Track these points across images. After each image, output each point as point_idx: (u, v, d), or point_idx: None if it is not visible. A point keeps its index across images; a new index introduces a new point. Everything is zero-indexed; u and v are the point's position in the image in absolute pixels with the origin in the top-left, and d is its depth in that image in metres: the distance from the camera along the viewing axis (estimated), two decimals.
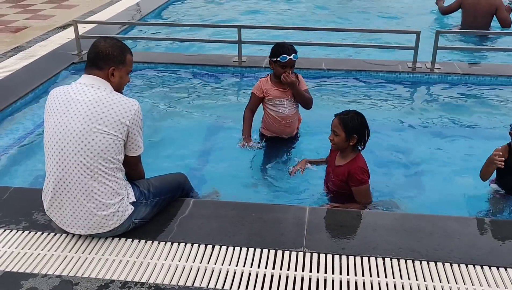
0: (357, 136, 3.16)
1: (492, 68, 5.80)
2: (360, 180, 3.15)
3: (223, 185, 3.69)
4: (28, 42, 7.03)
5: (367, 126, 3.22)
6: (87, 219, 2.56)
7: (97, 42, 2.65)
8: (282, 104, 3.98)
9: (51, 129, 2.55)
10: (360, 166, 3.17)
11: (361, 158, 3.25)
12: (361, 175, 3.15)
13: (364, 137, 3.21)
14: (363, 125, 3.20)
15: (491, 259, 2.52)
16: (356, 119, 3.18)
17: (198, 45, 7.07)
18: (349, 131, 3.15)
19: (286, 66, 3.79)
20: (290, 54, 3.78)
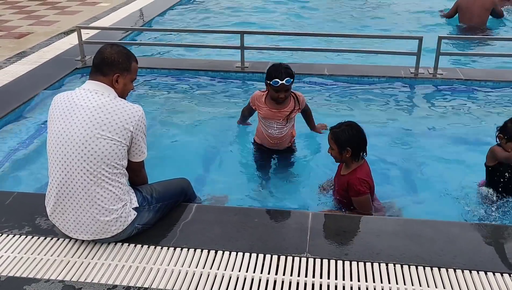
0: (351, 149, 3.11)
1: (494, 74, 5.80)
2: (358, 191, 3.11)
3: (226, 190, 3.69)
4: (31, 47, 7.06)
5: (362, 137, 3.16)
6: (90, 224, 2.56)
7: (103, 48, 2.67)
8: (272, 126, 3.82)
9: (54, 134, 2.55)
10: (359, 177, 3.12)
11: (364, 169, 3.20)
12: (359, 186, 3.10)
13: (359, 149, 3.15)
14: (355, 137, 3.13)
15: (494, 265, 2.51)
16: (348, 132, 3.13)
17: (201, 50, 7.09)
18: (341, 144, 3.13)
19: (279, 90, 3.62)
20: (283, 79, 3.55)
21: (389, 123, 4.89)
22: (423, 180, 3.93)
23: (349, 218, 2.98)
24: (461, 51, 7.03)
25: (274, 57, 6.86)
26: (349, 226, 2.84)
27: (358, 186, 3.11)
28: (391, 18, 8.96)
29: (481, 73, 5.84)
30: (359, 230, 2.80)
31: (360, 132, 3.17)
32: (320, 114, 5.15)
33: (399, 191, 3.76)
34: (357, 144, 3.14)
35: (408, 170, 4.07)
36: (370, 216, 3.09)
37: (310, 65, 6.29)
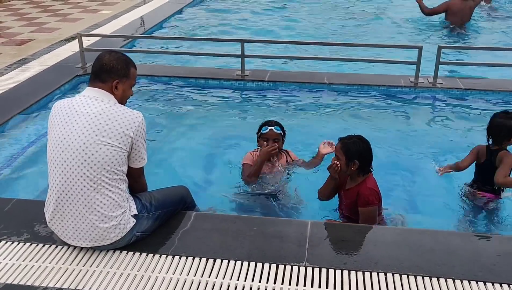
0: (359, 162, 3.11)
1: (494, 84, 5.81)
2: (367, 201, 3.09)
3: (224, 198, 3.69)
4: (32, 54, 7.09)
5: (370, 152, 3.16)
6: (89, 231, 2.56)
7: (101, 55, 2.68)
8: (268, 183, 3.71)
9: (54, 141, 2.56)
10: (369, 187, 3.12)
11: (372, 180, 3.19)
12: (370, 196, 3.09)
13: (366, 163, 3.15)
14: (365, 151, 3.13)
15: (493, 275, 2.50)
16: (359, 145, 3.12)
17: (201, 58, 7.12)
18: (350, 156, 3.11)
19: (268, 138, 3.67)
20: (272, 125, 3.71)
21: (388, 131, 4.89)
22: (423, 189, 3.93)
23: (348, 227, 2.97)
24: (461, 61, 7.05)
25: (275, 65, 6.89)
26: (348, 235, 2.83)
27: (369, 196, 3.10)
28: (389, 27, 9.00)
29: (480, 83, 5.85)
30: (358, 239, 2.79)
31: (370, 147, 3.18)
32: (320, 122, 5.17)
33: (396, 200, 3.75)
34: (365, 158, 3.14)
35: (408, 179, 4.07)
36: (369, 225, 3.08)
37: (310, 73, 6.31)
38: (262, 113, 5.45)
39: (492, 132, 3.52)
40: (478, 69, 6.53)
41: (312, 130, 4.97)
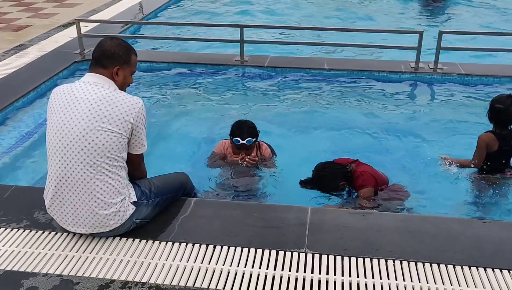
0: (343, 184, 3.36)
1: (495, 69, 5.78)
2: (360, 185, 3.31)
3: None
4: (30, 40, 7.03)
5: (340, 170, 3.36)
6: (89, 217, 2.55)
7: (103, 41, 2.65)
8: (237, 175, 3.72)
9: (54, 127, 2.53)
10: (357, 175, 3.35)
11: (360, 167, 3.38)
12: (358, 179, 3.35)
13: (346, 176, 3.35)
14: (334, 175, 3.34)
15: (494, 261, 2.50)
16: (326, 178, 3.35)
17: (200, 44, 7.07)
18: (332, 187, 3.39)
19: (240, 148, 3.63)
20: (244, 139, 3.57)
21: (388, 117, 4.88)
22: (422, 174, 3.92)
23: (349, 213, 2.96)
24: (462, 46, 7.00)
25: (274, 50, 6.85)
26: (349, 221, 2.82)
27: (359, 181, 3.32)
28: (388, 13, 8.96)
29: (481, 68, 5.81)
30: (359, 225, 2.78)
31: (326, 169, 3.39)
32: (319, 108, 5.15)
33: None
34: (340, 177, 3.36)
35: (409, 165, 4.06)
36: (370, 211, 3.08)
37: (310, 59, 6.27)
38: (261, 98, 5.43)
39: (502, 118, 3.53)
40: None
41: (312, 116, 4.95)
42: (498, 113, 3.54)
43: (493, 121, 3.59)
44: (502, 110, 3.52)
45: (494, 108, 3.55)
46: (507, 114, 3.52)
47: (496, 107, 3.54)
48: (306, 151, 4.25)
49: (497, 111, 3.54)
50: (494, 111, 3.56)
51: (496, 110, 3.54)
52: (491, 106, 3.59)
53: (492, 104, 3.58)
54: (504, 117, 3.53)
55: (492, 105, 3.57)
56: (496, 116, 3.56)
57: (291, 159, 4.04)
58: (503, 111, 3.52)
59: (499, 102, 3.55)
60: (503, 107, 3.51)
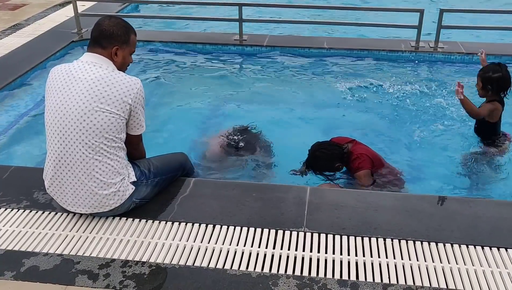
0: (339, 165, 3.34)
1: (496, 48, 5.74)
2: (357, 167, 3.29)
3: None
4: (26, 19, 6.96)
5: (336, 150, 3.33)
6: (88, 198, 2.56)
7: (101, 20, 2.61)
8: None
9: (52, 107, 2.52)
10: (354, 158, 3.33)
11: (357, 148, 3.37)
12: (355, 162, 3.32)
13: (342, 157, 3.34)
14: (328, 159, 3.32)
15: (491, 239, 2.52)
16: (322, 158, 3.32)
17: (198, 23, 7.01)
18: (326, 169, 3.37)
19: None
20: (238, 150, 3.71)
21: (388, 96, 4.86)
22: (422, 153, 3.93)
23: (347, 193, 2.98)
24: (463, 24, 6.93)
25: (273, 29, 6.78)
26: (347, 200, 2.83)
27: (356, 163, 3.29)
28: None
29: (482, 47, 5.75)
30: (357, 204, 2.79)
31: (322, 149, 3.36)
32: (319, 88, 5.13)
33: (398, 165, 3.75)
34: (336, 160, 3.33)
35: (406, 145, 4.06)
36: (368, 191, 3.09)
37: (309, 38, 6.22)
38: (260, 78, 5.40)
39: (506, 84, 3.61)
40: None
41: (311, 96, 4.93)
42: (502, 80, 3.58)
43: (499, 91, 3.62)
44: (502, 76, 3.59)
45: (495, 78, 3.58)
46: (506, 78, 3.60)
47: (495, 76, 3.58)
48: (305, 131, 4.25)
49: (498, 79, 3.58)
50: (495, 81, 3.58)
51: (498, 78, 3.58)
52: (489, 78, 3.59)
53: (489, 77, 3.60)
54: (506, 82, 3.60)
55: (490, 77, 3.59)
56: (501, 83, 3.59)
57: (288, 138, 4.04)
58: (503, 76, 3.59)
59: (495, 70, 3.61)
60: (502, 73, 3.59)
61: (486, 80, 3.61)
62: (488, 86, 3.61)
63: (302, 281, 2.26)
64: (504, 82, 3.61)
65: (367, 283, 2.25)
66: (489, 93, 3.64)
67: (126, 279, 2.28)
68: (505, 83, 3.61)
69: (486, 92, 3.66)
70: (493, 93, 3.63)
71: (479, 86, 3.67)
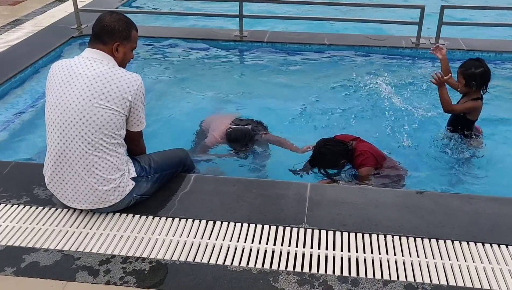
0: (344, 161, 3.36)
1: (496, 44, 5.72)
2: (360, 163, 3.31)
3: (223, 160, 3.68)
4: (26, 15, 6.94)
5: (342, 147, 3.35)
6: (88, 193, 2.56)
7: (102, 16, 2.61)
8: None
9: (52, 103, 2.52)
10: (360, 153, 3.34)
11: (360, 145, 3.38)
12: (359, 158, 3.34)
13: (347, 154, 3.35)
14: (333, 156, 3.33)
15: (492, 236, 2.52)
16: (328, 155, 3.33)
17: (199, 19, 6.99)
18: (332, 165, 3.40)
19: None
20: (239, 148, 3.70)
21: (389, 93, 4.84)
22: (423, 149, 3.92)
23: (348, 189, 2.97)
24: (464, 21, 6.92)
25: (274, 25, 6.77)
26: (348, 197, 2.83)
27: (359, 160, 3.32)
28: None
29: (483, 43, 5.76)
30: (358, 201, 2.79)
31: (328, 146, 3.37)
32: (319, 84, 5.12)
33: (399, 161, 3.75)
34: (341, 156, 3.36)
35: (408, 140, 4.05)
36: (369, 187, 3.09)
37: (310, 34, 6.20)
38: (260, 74, 5.39)
39: (488, 78, 3.63)
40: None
41: (311, 92, 4.93)
42: (484, 75, 3.59)
43: (483, 86, 3.63)
44: (485, 71, 3.59)
45: (478, 73, 3.57)
46: (488, 72, 3.61)
47: (478, 71, 3.57)
48: (305, 127, 4.24)
49: (481, 74, 3.58)
50: (478, 76, 3.58)
51: (481, 74, 3.58)
52: (473, 74, 3.57)
53: (472, 73, 3.58)
54: (488, 76, 3.61)
55: (473, 73, 3.57)
56: (484, 78, 3.60)
57: (289, 134, 4.03)
58: (486, 71, 3.60)
59: (476, 66, 3.59)
60: (484, 68, 3.59)
61: (469, 76, 3.58)
62: (472, 83, 3.59)
63: (302, 277, 2.26)
64: (487, 76, 3.61)
65: (368, 279, 2.25)
66: (473, 89, 3.62)
67: (126, 275, 2.28)
68: (487, 77, 3.62)
69: (469, 89, 3.63)
70: (477, 89, 3.63)
71: (461, 83, 3.64)
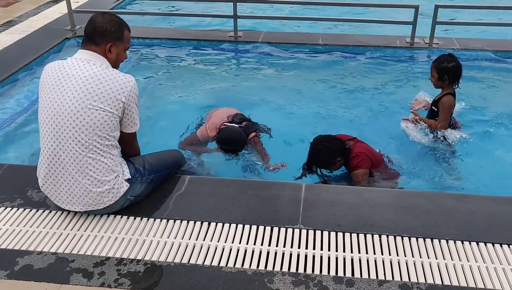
0: (340, 160, 3.30)
1: (490, 43, 5.74)
2: (355, 165, 3.28)
3: (218, 161, 3.67)
4: (19, 16, 6.91)
5: (339, 145, 3.31)
6: (82, 195, 2.54)
7: (94, 17, 2.60)
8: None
9: (46, 104, 2.50)
10: (353, 156, 3.31)
11: (359, 149, 3.33)
12: (354, 160, 3.30)
13: (343, 153, 3.30)
14: (330, 153, 3.27)
15: (487, 235, 2.52)
16: (324, 153, 3.28)
17: (193, 20, 6.98)
18: (327, 163, 3.33)
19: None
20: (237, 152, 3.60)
21: (383, 92, 4.86)
22: (417, 149, 3.93)
23: (343, 190, 2.97)
24: (458, 21, 6.94)
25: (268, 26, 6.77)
26: (343, 197, 2.83)
27: (353, 160, 3.30)
28: None
29: (477, 43, 5.78)
30: (353, 201, 2.79)
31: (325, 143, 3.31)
32: (313, 84, 5.12)
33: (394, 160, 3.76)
34: (337, 155, 3.29)
35: (402, 141, 4.06)
36: (364, 187, 3.09)
37: (304, 34, 6.21)
38: (255, 74, 5.39)
39: (460, 72, 3.75)
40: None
41: (306, 92, 4.93)
42: (456, 69, 3.71)
43: (455, 79, 3.75)
44: (456, 65, 3.71)
45: (450, 68, 3.70)
46: (460, 67, 3.73)
47: (451, 65, 3.70)
48: (299, 127, 4.24)
49: (453, 68, 3.70)
50: (451, 70, 3.70)
51: (453, 67, 3.70)
52: (445, 68, 3.70)
53: (444, 67, 3.71)
54: (460, 70, 3.73)
55: (446, 67, 3.71)
56: (455, 73, 3.71)
57: (282, 134, 4.03)
58: (458, 66, 3.72)
59: (449, 60, 3.73)
60: (455, 62, 3.71)
61: (441, 70, 3.72)
62: (444, 76, 3.72)
63: (297, 278, 2.26)
64: (459, 71, 3.73)
65: (363, 279, 2.25)
66: (445, 83, 3.74)
67: (121, 277, 2.27)
68: (459, 72, 3.73)
69: (442, 83, 3.76)
70: (449, 82, 3.74)
71: (434, 77, 3.78)
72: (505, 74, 5.29)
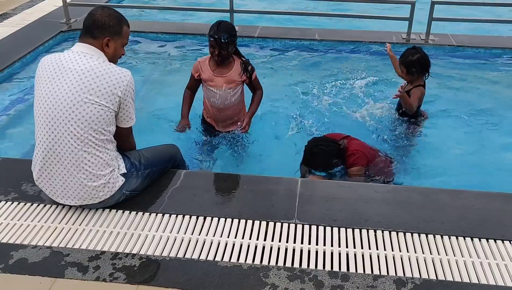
0: (336, 161, 3.31)
1: (486, 40, 5.76)
2: (352, 163, 3.29)
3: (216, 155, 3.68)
4: (14, 9, 6.86)
5: (333, 146, 3.29)
6: (77, 189, 2.53)
7: (94, 10, 2.58)
8: (214, 94, 3.60)
9: (41, 97, 2.49)
10: (349, 154, 3.31)
11: (355, 146, 3.34)
12: (352, 159, 3.31)
13: (339, 153, 3.30)
14: (326, 156, 3.27)
15: (481, 231, 2.54)
16: (320, 154, 3.26)
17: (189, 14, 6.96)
18: (324, 166, 3.34)
19: (213, 46, 3.41)
20: (219, 35, 3.34)
21: (378, 88, 4.86)
22: (412, 146, 3.94)
23: (338, 185, 2.98)
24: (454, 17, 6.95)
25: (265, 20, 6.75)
26: (338, 192, 2.84)
27: (351, 159, 3.31)
28: None
29: (473, 39, 5.80)
30: (348, 196, 2.80)
31: (320, 146, 3.30)
32: (309, 79, 5.12)
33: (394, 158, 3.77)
34: (334, 156, 3.30)
35: (396, 137, 4.07)
36: (359, 183, 3.10)
37: (301, 29, 6.20)
38: None
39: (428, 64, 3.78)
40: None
41: (301, 87, 4.92)
42: (421, 60, 3.74)
43: (423, 71, 3.78)
44: (421, 56, 3.75)
45: (416, 60, 3.73)
46: (425, 57, 3.76)
47: (415, 58, 3.73)
48: (295, 123, 4.24)
49: (419, 59, 3.73)
50: (416, 62, 3.73)
51: (418, 59, 3.73)
52: (411, 61, 3.74)
53: (410, 60, 3.74)
54: (426, 61, 3.77)
55: (411, 60, 3.74)
56: (423, 64, 3.74)
57: (277, 131, 4.04)
58: (423, 56, 3.75)
59: (412, 53, 3.76)
60: (420, 54, 3.75)
61: (408, 64, 3.76)
62: (412, 69, 3.76)
63: (293, 272, 2.26)
64: (425, 61, 3.76)
65: (358, 274, 2.26)
66: (415, 75, 3.78)
67: (116, 271, 2.26)
68: (426, 62, 3.77)
69: (412, 76, 3.79)
70: (419, 74, 3.78)
71: (403, 72, 3.82)
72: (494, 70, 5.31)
